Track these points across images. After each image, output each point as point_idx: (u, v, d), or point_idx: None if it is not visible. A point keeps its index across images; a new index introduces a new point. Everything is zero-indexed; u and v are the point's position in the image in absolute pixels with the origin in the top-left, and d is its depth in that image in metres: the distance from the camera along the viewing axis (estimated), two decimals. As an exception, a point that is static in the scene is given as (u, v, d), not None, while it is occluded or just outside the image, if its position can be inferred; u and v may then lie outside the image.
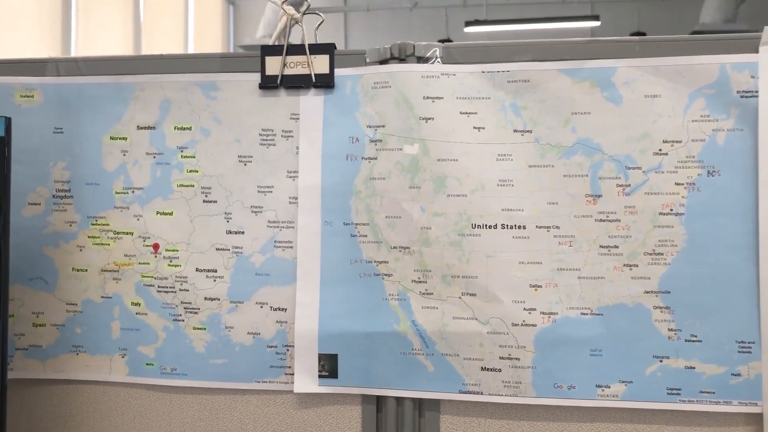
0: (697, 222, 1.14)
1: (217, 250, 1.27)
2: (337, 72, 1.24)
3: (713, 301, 1.14)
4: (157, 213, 1.29)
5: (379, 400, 1.25)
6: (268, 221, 1.26)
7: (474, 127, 1.20)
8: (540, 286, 1.18)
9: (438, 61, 1.22)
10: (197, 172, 1.28)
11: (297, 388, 1.24)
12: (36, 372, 1.32)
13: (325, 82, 1.24)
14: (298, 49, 1.25)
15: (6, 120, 1.10)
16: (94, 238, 1.30)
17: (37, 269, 1.31)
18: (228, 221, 1.27)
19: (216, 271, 1.27)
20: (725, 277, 1.14)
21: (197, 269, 1.27)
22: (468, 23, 8.07)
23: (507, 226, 1.19)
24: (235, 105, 1.27)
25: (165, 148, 1.28)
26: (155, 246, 1.29)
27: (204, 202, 1.28)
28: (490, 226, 1.19)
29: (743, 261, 1.13)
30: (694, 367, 1.15)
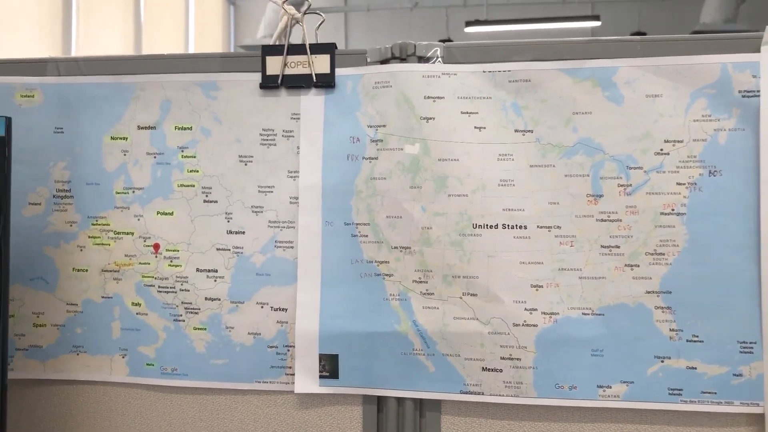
0: (698, 222, 1.14)
1: (217, 250, 1.27)
2: (338, 72, 1.24)
3: (715, 301, 1.14)
4: (158, 213, 1.28)
5: (380, 401, 1.25)
6: (269, 221, 1.26)
7: (475, 127, 1.20)
8: (541, 286, 1.18)
9: (439, 60, 1.21)
10: (198, 172, 1.28)
11: (298, 389, 1.24)
12: (36, 372, 1.32)
13: (325, 82, 1.24)
14: (298, 49, 1.24)
15: (6, 120, 1.10)
16: (94, 238, 1.30)
17: (38, 269, 1.31)
18: (229, 221, 1.27)
19: (216, 271, 1.27)
20: (727, 277, 1.13)
21: (198, 269, 1.27)
22: (468, 23, 8.07)
23: (508, 226, 1.18)
24: (236, 105, 1.26)
25: (165, 148, 1.28)
26: (156, 246, 1.28)
27: (204, 202, 1.27)
28: (491, 226, 1.19)
29: (745, 261, 1.13)
30: (695, 368, 1.15)
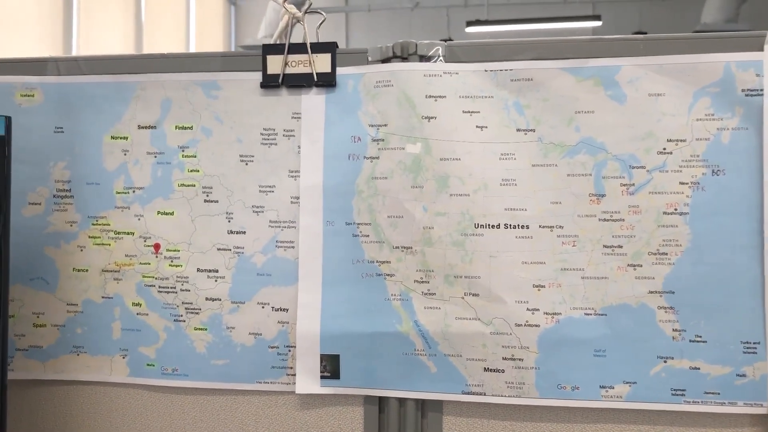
0: (701, 221, 1.14)
1: (218, 250, 1.26)
2: (339, 71, 1.24)
3: (718, 301, 1.13)
4: (158, 213, 1.28)
5: (382, 401, 1.25)
6: (270, 221, 1.25)
7: (477, 126, 1.19)
8: (543, 287, 1.17)
9: (440, 59, 1.21)
10: (198, 171, 1.27)
11: (299, 389, 1.23)
12: (36, 373, 1.31)
13: (326, 81, 1.23)
14: (299, 48, 1.24)
15: (6, 119, 1.10)
16: (94, 238, 1.30)
17: (38, 269, 1.30)
18: (229, 221, 1.26)
19: (217, 271, 1.26)
20: (730, 277, 1.13)
21: (198, 269, 1.27)
22: (469, 23, 8.07)
23: (510, 225, 1.18)
24: (237, 104, 1.26)
25: (166, 148, 1.28)
26: (156, 246, 1.28)
27: (205, 201, 1.27)
28: (492, 226, 1.18)
29: (748, 260, 1.12)
30: (698, 368, 1.14)
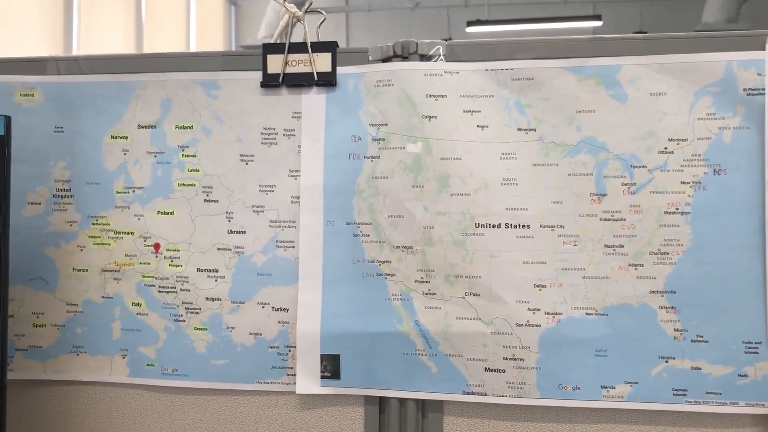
0: (703, 221, 1.13)
1: (218, 249, 1.26)
2: (340, 70, 1.23)
3: (719, 301, 1.13)
4: (158, 212, 1.28)
5: (382, 401, 1.24)
6: (270, 221, 1.25)
7: (477, 126, 1.19)
8: (544, 286, 1.17)
9: (441, 59, 1.20)
10: (198, 171, 1.27)
11: (299, 389, 1.23)
12: (36, 373, 1.31)
13: (327, 81, 1.23)
14: (300, 48, 1.24)
15: (6, 119, 1.09)
16: (94, 237, 1.29)
17: (38, 269, 1.30)
18: (229, 221, 1.26)
19: (217, 271, 1.26)
20: (731, 277, 1.12)
21: (198, 269, 1.27)
22: (470, 23, 8.07)
23: (511, 225, 1.18)
24: (237, 104, 1.26)
25: (166, 147, 1.28)
26: (156, 246, 1.28)
27: (205, 201, 1.27)
28: (493, 226, 1.18)
29: (750, 260, 1.12)
30: (700, 368, 1.14)
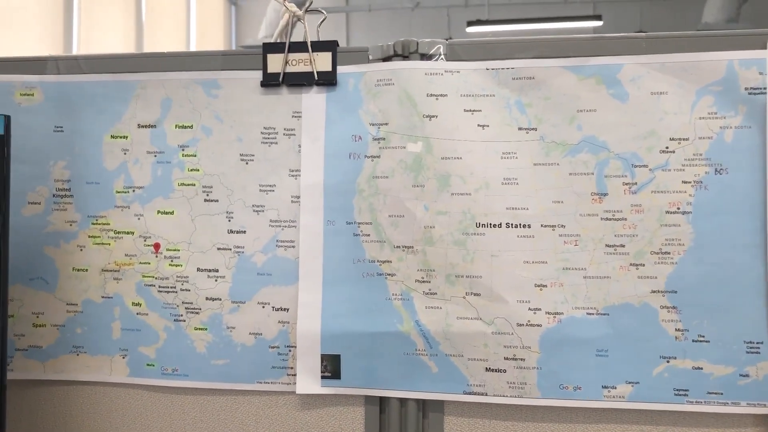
0: (704, 220, 1.13)
1: (218, 249, 1.26)
2: (340, 69, 1.23)
3: (721, 301, 1.13)
4: (158, 212, 1.28)
5: (383, 401, 1.24)
6: (270, 220, 1.25)
7: (478, 125, 1.19)
8: (545, 286, 1.17)
9: (442, 58, 1.20)
10: (198, 170, 1.27)
11: (299, 389, 1.23)
12: (36, 373, 1.31)
13: (327, 80, 1.23)
14: (300, 47, 1.23)
15: (5, 118, 1.09)
16: (94, 237, 1.29)
17: (38, 269, 1.30)
18: (229, 220, 1.26)
19: (217, 270, 1.26)
20: (733, 277, 1.12)
21: (198, 269, 1.26)
22: (470, 23, 8.06)
23: (512, 225, 1.17)
24: (237, 103, 1.25)
25: (166, 147, 1.27)
26: (156, 245, 1.27)
27: (205, 201, 1.26)
28: (494, 225, 1.18)
29: (752, 260, 1.11)
30: (701, 368, 1.13)
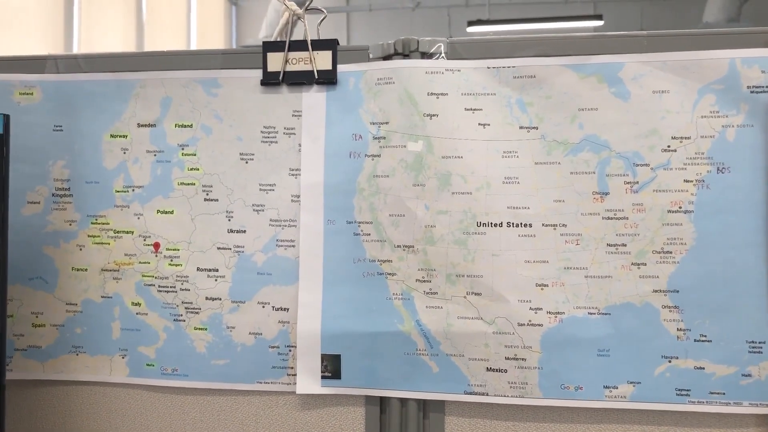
0: (706, 220, 1.12)
1: (218, 249, 1.26)
2: (340, 68, 1.23)
3: (723, 301, 1.12)
4: (158, 212, 1.27)
5: (383, 401, 1.24)
6: (270, 220, 1.24)
7: (479, 124, 1.18)
8: (546, 285, 1.16)
9: (442, 56, 1.20)
10: (198, 170, 1.26)
11: (299, 389, 1.22)
12: (35, 373, 1.30)
13: (327, 79, 1.22)
14: (300, 45, 1.23)
15: (5, 117, 1.09)
16: (94, 237, 1.29)
17: (37, 269, 1.30)
18: (229, 220, 1.25)
19: (217, 270, 1.25)
20: (735, 276, 1.12)
21: (198, 268, 1.26)
22: (471, 23, 8.06)
23: (513, 224, 1.17)
24: (237, 102, 1.25)
25: (166, 146, 1.27)
26: (156, 245, 1.27)
27: (205, 200, 1.26)
28: (495, 225, 1.17)
29: (754, 259, 1.11)
30: (703, 368, 1.13)
